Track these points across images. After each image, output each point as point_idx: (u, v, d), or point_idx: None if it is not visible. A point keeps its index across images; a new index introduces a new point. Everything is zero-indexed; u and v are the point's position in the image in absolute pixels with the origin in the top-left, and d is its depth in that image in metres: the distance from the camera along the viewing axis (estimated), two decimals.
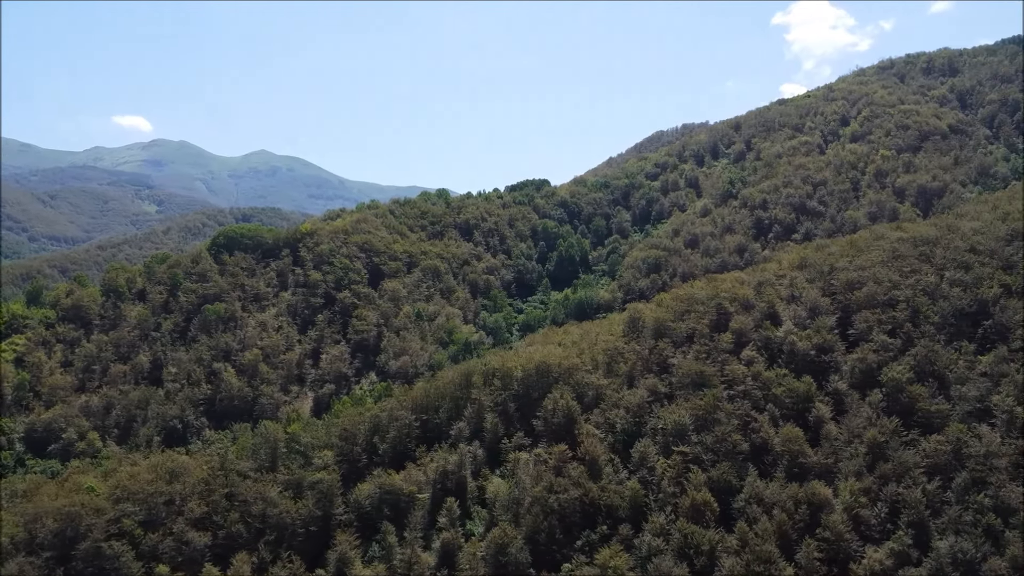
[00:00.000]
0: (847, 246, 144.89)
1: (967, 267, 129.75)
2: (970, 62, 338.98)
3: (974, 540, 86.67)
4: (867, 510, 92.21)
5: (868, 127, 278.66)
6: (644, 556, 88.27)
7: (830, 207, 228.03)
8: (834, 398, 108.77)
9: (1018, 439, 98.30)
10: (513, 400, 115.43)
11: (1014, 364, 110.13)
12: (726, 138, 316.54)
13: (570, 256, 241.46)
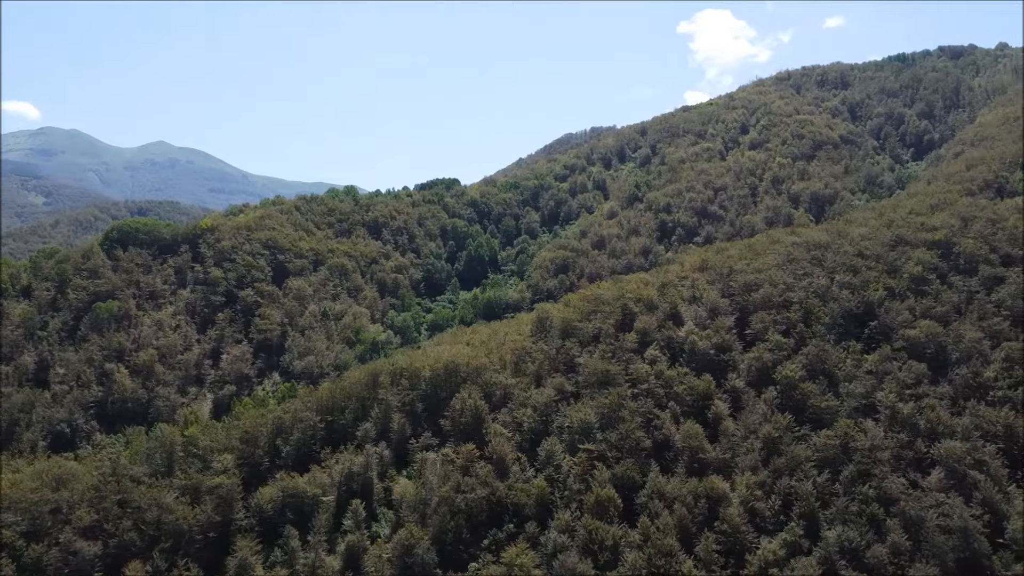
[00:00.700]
0: (745, 249, 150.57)
1: (855, 271, 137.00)
2: (860, 76, 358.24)
3: (859, 529, 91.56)
4: (762, 503, 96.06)
5: (766, 135, 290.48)
6: (550, 553, 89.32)
7: (730, 211, 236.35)
8: (732, 395, 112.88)
9: (900, 433, 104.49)
10: (421, 400, 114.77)
11: (897, 362, 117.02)
12: (633, 142, 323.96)
13: (479, 256, 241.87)
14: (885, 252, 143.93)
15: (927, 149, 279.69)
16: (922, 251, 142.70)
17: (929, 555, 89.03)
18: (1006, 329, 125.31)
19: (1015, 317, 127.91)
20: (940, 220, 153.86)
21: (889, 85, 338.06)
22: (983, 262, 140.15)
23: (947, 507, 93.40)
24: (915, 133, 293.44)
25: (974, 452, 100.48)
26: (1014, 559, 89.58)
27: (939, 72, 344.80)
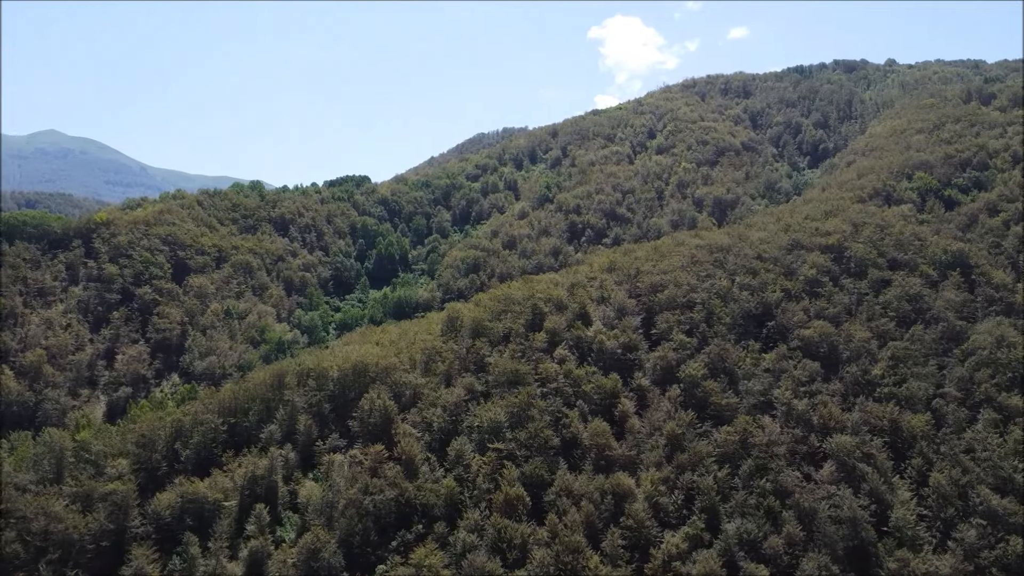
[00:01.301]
0: (652, 251, 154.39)
1: (754, 273, 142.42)
2: (761, 86, 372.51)
3: (757, 521, 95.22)
4: (666, 498, 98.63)
5: (672, 140, 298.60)
6: (459, 553, 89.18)
7: (637, 214, 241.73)
8: (638, 394, 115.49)
9: (795, 428, 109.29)
10: (328, 401, 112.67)
11: (792, 361, 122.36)
12: (544, 144, 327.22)
13: (390, 255, 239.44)
14: (782, 255, 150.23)
15: (822, 157, 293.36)
16: (816, 255, 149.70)
17: (821, 544, 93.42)
18: (892, 329, 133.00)
19: (900, 318, 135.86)
20: (833, 226, 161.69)
21: (788, 95, 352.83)
22: (872, 266, 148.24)
23: (838, 498, 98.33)
24: (811, 142, 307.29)
25: (862, 446, 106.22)
26: (896, 545, 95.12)
27: (834, 85, 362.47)
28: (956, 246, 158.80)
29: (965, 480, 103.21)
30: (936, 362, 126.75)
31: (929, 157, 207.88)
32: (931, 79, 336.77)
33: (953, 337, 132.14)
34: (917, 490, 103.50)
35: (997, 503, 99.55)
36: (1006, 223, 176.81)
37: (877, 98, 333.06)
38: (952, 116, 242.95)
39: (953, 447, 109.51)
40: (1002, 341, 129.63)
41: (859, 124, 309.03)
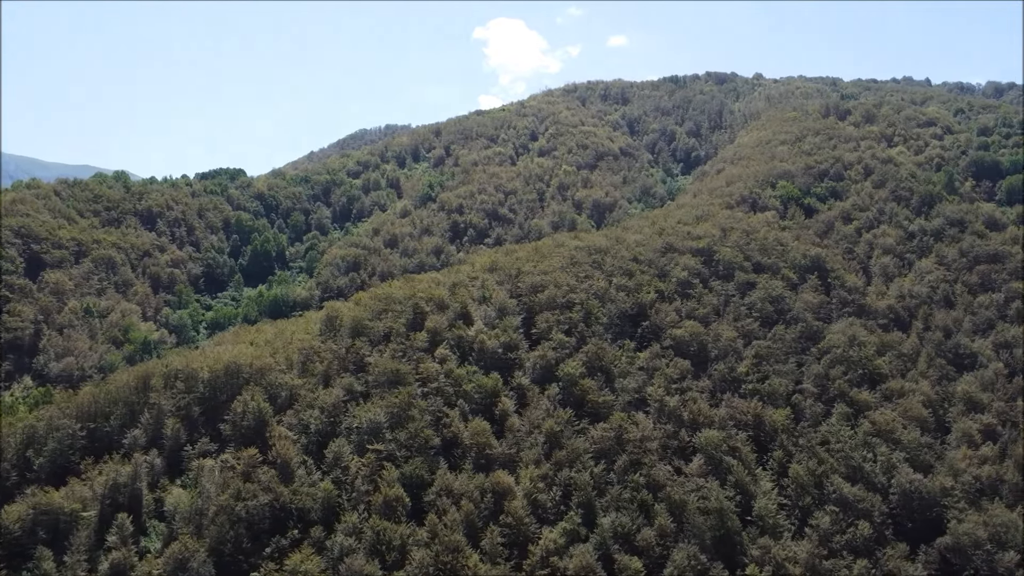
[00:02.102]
0: (533, 252, 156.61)
1: (630, 274, 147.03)
2: (638, 94, 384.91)
3: (631, 515, 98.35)
4: (544, 495, 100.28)
5: (554, 143, 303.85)
6: (336, 557, 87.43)
7: (519, 215, 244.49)
8: (518, 392, 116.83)
9: (667, 424, 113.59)
10: (198, 404, 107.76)
11: (665, 359, 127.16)
12: (427, 142, 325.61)
13: (266, 251, 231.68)
14: (657, 258, 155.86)
15: (694, 164, 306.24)
16: (688, 258, 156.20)
17: (691, 535, 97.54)
18: (756, 329, 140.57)
19: (764, 318, 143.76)
20: (704, 230, 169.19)
21: (664, 104, 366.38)
22: (739, 269, 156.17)
23: (706, 490, 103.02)
24: (684, 149, 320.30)
25: (729, 440, 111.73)
26: (759, 533, 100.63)
27: (706, 95, 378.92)
28: (814, 251, 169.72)
29: (820, 470, 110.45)
30: (795, 360, 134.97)
31: (791, 167, 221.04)
32: (794, 93, 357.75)
33: (811, 336, 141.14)
34: (778, 480, 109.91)
35: (848, 491, 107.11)
36: (858, 230, 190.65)
37: (745, 109, 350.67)
38: (812, 129, 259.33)
39: (810, 439, 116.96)
40: (854, 340, 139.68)
41: (728, 134, 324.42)
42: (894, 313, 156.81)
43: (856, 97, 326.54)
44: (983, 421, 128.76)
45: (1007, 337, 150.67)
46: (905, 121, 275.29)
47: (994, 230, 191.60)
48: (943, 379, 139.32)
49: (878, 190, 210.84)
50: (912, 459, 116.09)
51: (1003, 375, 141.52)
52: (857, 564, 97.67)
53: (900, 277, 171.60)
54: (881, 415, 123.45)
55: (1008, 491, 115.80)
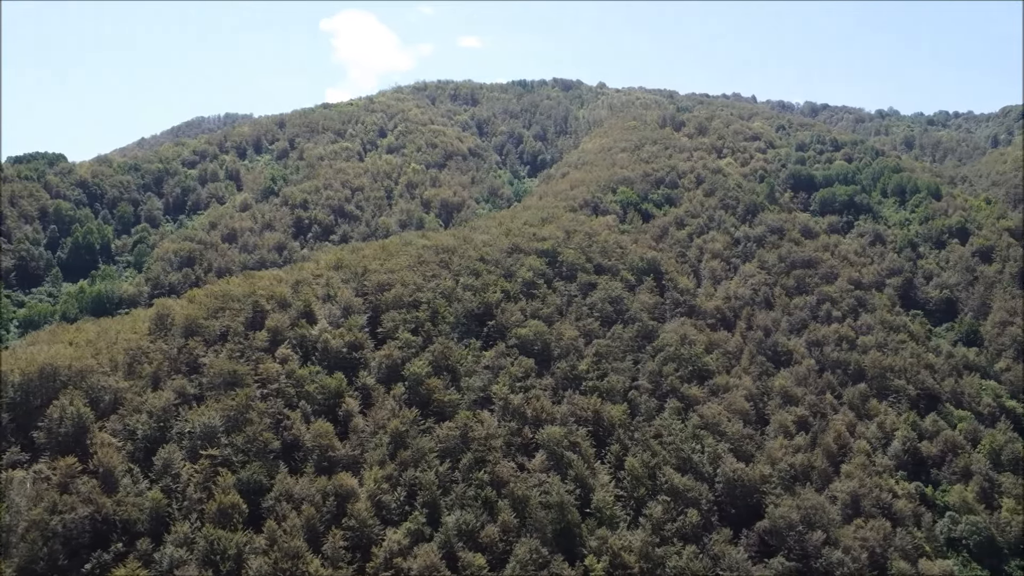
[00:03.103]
0: (379, 250, 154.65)
1: (477, 274, 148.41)
2: (488, 96, 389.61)
3: (475, 512, 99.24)
4: (389, 495, 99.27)
5: (403, 141, 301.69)
6: (165, 569, 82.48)
7: (366, 212, 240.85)
8: (363, 393, 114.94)
9: (511, 422, 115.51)
10: (8, 410, 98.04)
11: (510, 358, 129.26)
12: (270, 134, 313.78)
13: (88, 244, 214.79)
14: (503, 258, 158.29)
15: (541, 167, 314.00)
16: (533, 258, 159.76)
17: (533, 529, 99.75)
18: (597, 328, 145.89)
19: (604, 318, 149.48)
20: (548, 232, 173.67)
21: (512, 107, 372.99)
22: (581, 270, 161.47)
23: (548, 485, 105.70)
24: (531, 152, 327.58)
25: (570, 435, 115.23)
26: (597, 525, 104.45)
27: (552, 100, 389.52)
28: (650, 254, 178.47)
29: (654, 462, 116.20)
30: (632, 358, 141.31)
31: (631, 174, 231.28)
32: (634, 103, 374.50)
33: (646, 335, 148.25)
34: (615, 473, 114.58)
35: (679, 481, 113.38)
36: (690, 236, 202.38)
37: (589, 116, 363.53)
38: (650, 139, 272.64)
39: (644, 433, 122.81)
40: (685, 339, 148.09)
41: (573, 139, 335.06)
42: (721, 313, 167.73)
43: (690, 110, 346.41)
44: (797, 413, 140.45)
45: (818, 336, 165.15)
46: (733, 135, 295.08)
47: (808, 238, 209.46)
48: (763, 375, 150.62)
49: (708, 198, 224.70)
50: (735, 449, 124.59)
51: (814, 371, 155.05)
52: (686, 550, 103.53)
53: (726, 280, 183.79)
54: (708, 409, 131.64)
55: (817, 476, 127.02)
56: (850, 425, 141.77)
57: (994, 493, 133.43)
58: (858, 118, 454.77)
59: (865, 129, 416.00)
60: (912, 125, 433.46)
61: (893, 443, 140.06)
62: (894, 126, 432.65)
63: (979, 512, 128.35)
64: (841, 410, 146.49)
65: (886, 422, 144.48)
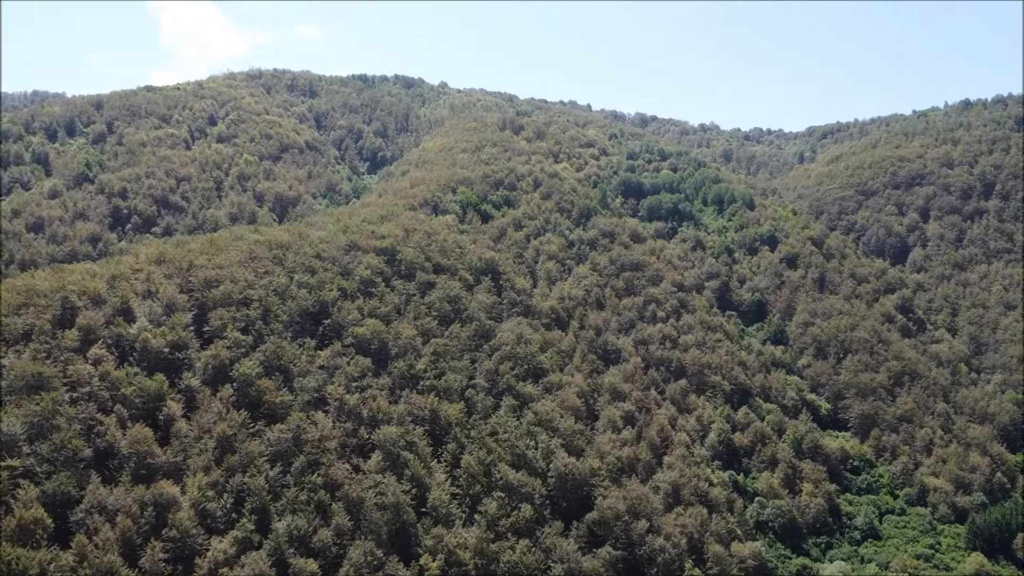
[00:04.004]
0: (207, 244, 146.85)
1: (313, 271, 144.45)
2: (327, 88, 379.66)
3: (307, 517, 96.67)
4: (214, 503, 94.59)
5: (235, 130, 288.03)
6: None
7: (193, 203, 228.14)
8: (187, 395, 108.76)
9: (346, 423, 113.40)
10: None
11: (346, 358, 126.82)
12: (86, 115, 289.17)
13: None
14: (340, 255, 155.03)
15: (381, 164, 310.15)
16: (371, 256, 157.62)
17: (367, 531, 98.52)
18: (435, 327, 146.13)
19: (442, 317, 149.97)
20: (387, 230, 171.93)
21: (352, 101, 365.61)
22: (420, 269, 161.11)
23: (383, 486, 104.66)
24: (371, 149, 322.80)
25: (406, 435, 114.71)
26: (433, 524, 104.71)
27: (394, 97, 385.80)
28: (489, 255, 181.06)
29: (489, 459, 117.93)
30: (470, 356, 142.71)
31: (471, 174, 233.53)
32: (475, 105, 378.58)
33: (484, 334, 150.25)
34: (451, 472, 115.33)
35: (513, 477, 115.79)
36: (527, 237, 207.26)
37: (431, 115, 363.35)
38: (490, 140, 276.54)
39: (481, 431, 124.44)
40: (521, 338, 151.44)
41: (414, 137, 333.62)
42: (555, 313, 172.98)
43: (529, 114, 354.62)
44: (624, 408, 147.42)
45: (644, 335, 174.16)
46: (569, 141, 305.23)
47: (637, 242, 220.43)
48: (594, 372, 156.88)
49: (545, 201, 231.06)
50: (567, 444, 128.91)
51: (640, 368, 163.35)
52: (520, 544, 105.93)
53: (561, 281, 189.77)
54: (542, 406, 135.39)
55: (642, 468, 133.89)
56: (672, 419, 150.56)
57: (796, 479, 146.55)
58: (683, 130, 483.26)
59: (689, 141, 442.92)
60: (730, 139, 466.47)
61: (710, 435, 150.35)
62: (715, 139, 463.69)
63: (783, 496, 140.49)
64: (664, 405, 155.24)
65: (704, 415, 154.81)
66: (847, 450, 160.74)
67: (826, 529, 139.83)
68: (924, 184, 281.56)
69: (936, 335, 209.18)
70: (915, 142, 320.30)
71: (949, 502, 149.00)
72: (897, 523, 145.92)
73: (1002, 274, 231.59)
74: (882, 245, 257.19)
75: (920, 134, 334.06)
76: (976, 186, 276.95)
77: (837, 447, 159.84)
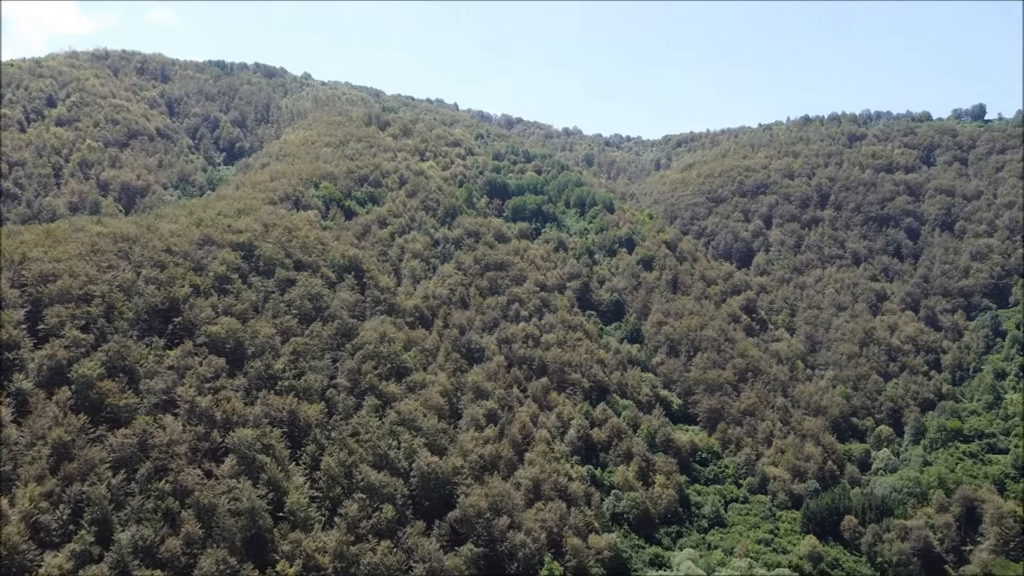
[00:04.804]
0: (43, 235, 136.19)
1: (163, 266, 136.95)
2: (181, 73, 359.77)
3: (154, 526, 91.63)
4: (48, 515, 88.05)
5: (77, 113, 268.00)
6: None
7: (27, 191, 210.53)
8: (17, 399, 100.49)
9: (197, 426, 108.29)
10: None
11: (198, 358, 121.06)
12: None
13: None
14: (193, 250, 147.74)
15: (239, 156, 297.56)
16: (227, 252, 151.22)
17: (220, 539, 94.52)
18: (295, 326, 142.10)
19: (302, 315, 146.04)
20: (245, 224, 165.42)
21: (208, 88, 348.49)
22: (279, 266, 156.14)
23: (238, 491, 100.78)
24: (228, 139, 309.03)
25: (263, 437, 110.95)
26: (291, 528, 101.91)
27: (254, 86, 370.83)
28: (352, 252, 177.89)
29: (351, 461, 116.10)
30: (331, 356, 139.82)
31: (335, 170, 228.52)
32: (340, 99, 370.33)
33: (346, 333, 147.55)
34: (310, 474, 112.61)
35: (375, 477, 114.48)
36: (392, 235, 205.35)
37: (293, 107, 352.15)
38: (356, 135, 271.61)
39: (342, 432, 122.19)
40: (384, 337, 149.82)
41: (275, 129, 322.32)
42: (420, 312, 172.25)
43: (396, 111, 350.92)
44: (487, 407, 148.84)
45: (507, 334, 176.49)
46: (436, 139, 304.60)
47: (501, 242, 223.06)
48: (457, 371, 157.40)
49: (411, 199, 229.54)
50: (430, 444, 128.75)
51: (503, 366, 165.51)
52: (381, 545, 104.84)
53: (426, 279, 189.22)
54: (405, 405, 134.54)
55: (504, 465, 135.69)
56: (533, 416, 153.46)
57: (649, 471, 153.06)
58: (548, 134, 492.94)
59: (553, 144, 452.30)
60: (592, 144, 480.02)
61: (569, 431, 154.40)
62: (578, 143, 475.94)
63: (638, 489, 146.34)
64: (526, 402, 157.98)
65: (564, 412, 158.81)
66: (696, 443, 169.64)
67: (677, 519, 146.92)
68: (768, 193, 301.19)
69: (776, 334, 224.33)
70: (760, 153, 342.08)
71: (787, 489, 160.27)
72: (741, 511, 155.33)
73: (835, 278, 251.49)
74: (729, 249, 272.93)
75: (765, 146, 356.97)
76: (813, 196, 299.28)
77: (687, 440, 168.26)
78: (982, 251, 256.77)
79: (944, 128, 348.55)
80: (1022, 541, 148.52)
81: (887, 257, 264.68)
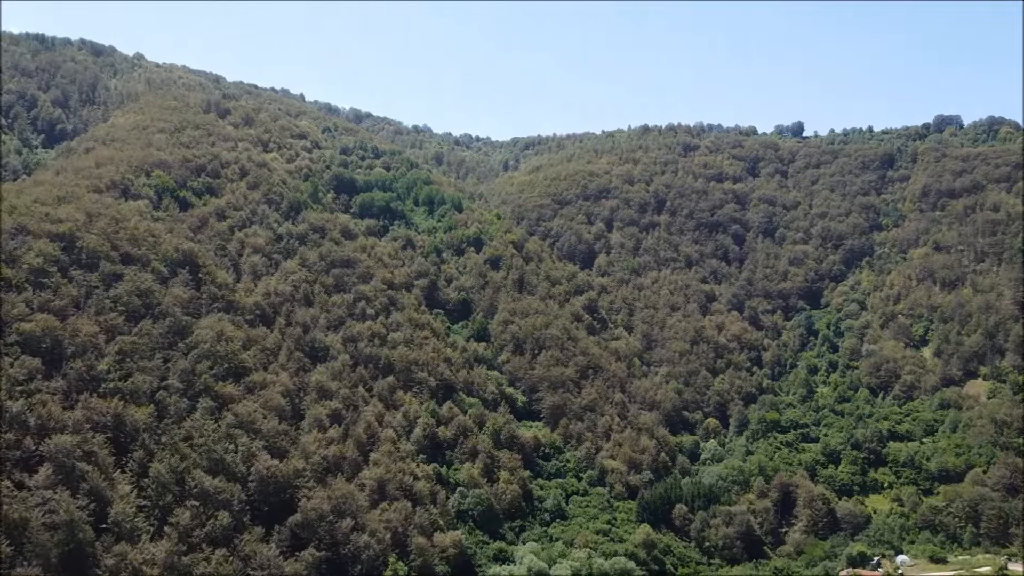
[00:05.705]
0: None
1: None
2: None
3: None
4: None
5: None
6: None
7: None
8: None
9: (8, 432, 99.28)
10: None
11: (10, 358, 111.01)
12: None
13: None
14: (5, 240, 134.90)
15: (59, 139, 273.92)
16: (45, 243, 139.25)
17: (33, 555, 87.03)
18: (121, 324, 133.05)
19: (130, 312, 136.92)
20: (66, 213, 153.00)
21: (25, 63, 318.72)
22: (105, 259, 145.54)
23: (54, 503, 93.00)
24: (48, 120, 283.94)
25: (84, 444, 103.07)
26: (115, 541, 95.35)
27: (79, 64, 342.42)
28: (187, 245, 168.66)
29: (183, 466, 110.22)
30: (162, 355, 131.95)
31: (168, 158, 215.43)
32: (176, 83, 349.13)
33: (179, 332, 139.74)
34: (138, 482, 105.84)
35: (210, 483, 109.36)
36: (231, 228, 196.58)
37: (123, 89, 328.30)
38: (192, 123, 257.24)
39: (173, 436, 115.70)
40: (222, 335, 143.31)
41: (103, 111, 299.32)
42: (260, 309, 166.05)
43: (238, 98, 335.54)
44: (331, 407, 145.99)
45: (353, 332, 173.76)
46: (280, 130, 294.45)
47: (348, 239, 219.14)
48: (300, 370, 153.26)
49: (252, 191, 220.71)
50: (270, 446, 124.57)
51: (349, 365, 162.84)
52: (216, 554, 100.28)
53: (268, 276, 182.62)
54: (244, 407, 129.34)
55: (348, 466, 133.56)
56: (379, 415, 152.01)
57: (494, 468, 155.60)
58: (397, 130, 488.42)
59: (403, 141, 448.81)
60: (442, 143, 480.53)
61: (415, 430, 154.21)
62: (427, 141, 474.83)
63: (483, 485, 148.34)
64: (372, 402, 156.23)
65: (410, 411, 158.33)
66: (540, 438, 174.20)
67: (520, 513, 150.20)
68: (610, 197, 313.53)
69: (616, 332, 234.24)
70: (603, 159, 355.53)
71: (624, 481, 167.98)
72: (581, 503, 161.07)
73: (669, 280, 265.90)
74: (573, 250, 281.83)
75: (608, 152, 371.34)
76: (651, 201, 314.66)
77: (531, 436, 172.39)
78: (799, 256, 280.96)
79: (767, 142, 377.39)
80: (829, 521, 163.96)
81: (716, 261, 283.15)
